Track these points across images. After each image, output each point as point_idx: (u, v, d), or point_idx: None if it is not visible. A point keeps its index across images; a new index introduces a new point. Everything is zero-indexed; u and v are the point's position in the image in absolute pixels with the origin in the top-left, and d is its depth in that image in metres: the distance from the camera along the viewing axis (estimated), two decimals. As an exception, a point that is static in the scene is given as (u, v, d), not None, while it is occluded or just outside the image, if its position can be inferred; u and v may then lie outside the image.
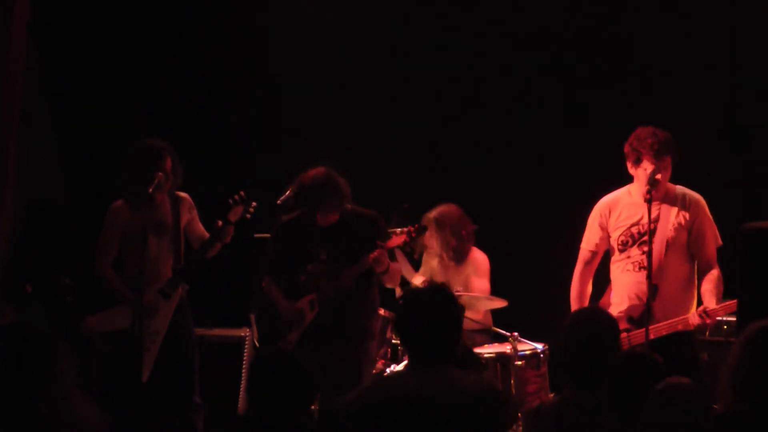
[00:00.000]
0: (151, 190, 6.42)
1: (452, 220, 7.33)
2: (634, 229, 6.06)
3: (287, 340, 6.25)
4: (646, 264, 5.90)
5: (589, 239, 6.24)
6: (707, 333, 6.91)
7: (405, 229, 6.30)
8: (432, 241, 7.31)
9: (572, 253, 6.46)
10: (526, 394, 6.82)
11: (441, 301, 4.12)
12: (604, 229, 6.18)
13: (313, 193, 6.21)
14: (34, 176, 7.83)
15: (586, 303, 6.24)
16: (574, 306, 6.22)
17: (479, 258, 7.38)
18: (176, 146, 6.81)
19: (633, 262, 6.06)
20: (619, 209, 6.14)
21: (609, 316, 4.75)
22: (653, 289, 5.92)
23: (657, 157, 5.95)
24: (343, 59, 8.20)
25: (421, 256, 7.48)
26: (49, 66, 8.13)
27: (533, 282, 7.78)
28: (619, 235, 6.10)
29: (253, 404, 4.01)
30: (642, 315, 5.94)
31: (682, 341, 5.95)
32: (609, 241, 6.17)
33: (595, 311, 4.85)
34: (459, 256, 7.35)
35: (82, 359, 6.46)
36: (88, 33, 8.24)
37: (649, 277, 5.87)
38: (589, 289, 6.27)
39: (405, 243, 6.30)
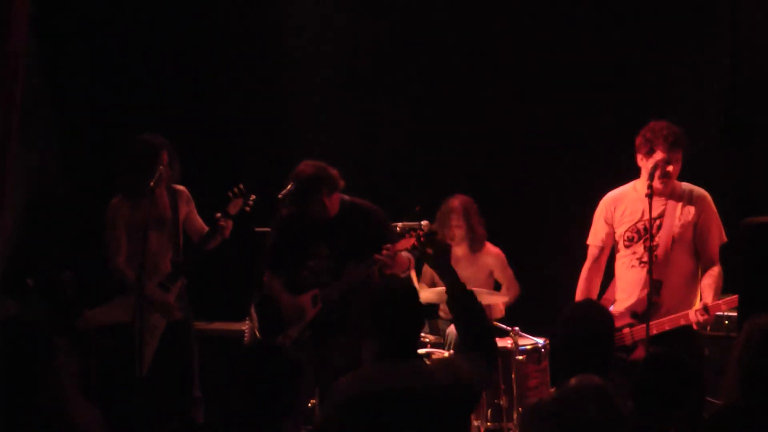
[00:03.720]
0: (152, 183, 6.42)
1: (472, 204, 7.37)
2: (640, 225, 6.04)
3: (287, 335, 6.24)
4: (665, 254, 5.91)
5: (596, 235, 6.23)
6: (708, 328, 6.91)
7: (413, 232, 6.27)
8: (454, 231, 7.31)
9: (574, 248, 6.46)
10: (527, 388, 6.82)
11: (404, 297, 4.29)
12: (609, 224, 6.17)
13: (310, 183, 6.18)
14: (35, 171, 7.83)
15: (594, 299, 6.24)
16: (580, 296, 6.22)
17: (499, 253, 7.45)
18: (177, 141, 6.81)
19: (638, 258, 6.04)
20: (625, 204, 6.12)
21: (604, 309, 4.74)
22: (656, 284, 5.91)
23: (671, 149, 5.93)
24: (344, 52, 8.21)
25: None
26: (50, 62, 8.13)
27: (534, 277, 7.78)
28: (625, 231, 6.09)
29: (240, 398, 4.00)
30: (645, 310, 5.93)
31: (686, 336, 5.93)
32: (614, 237, 6.16)
33: (591, 305, 4.84)
34: (478, 246, 7.39)
35: (80, 354, 6.47)
36: (89, 30, 8.25)
37: (650, 272, 5.86)
38: (597, 285, 6.25)
39: (413, 246, 6.26)
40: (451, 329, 7.12)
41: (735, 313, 6.08)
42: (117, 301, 6.58)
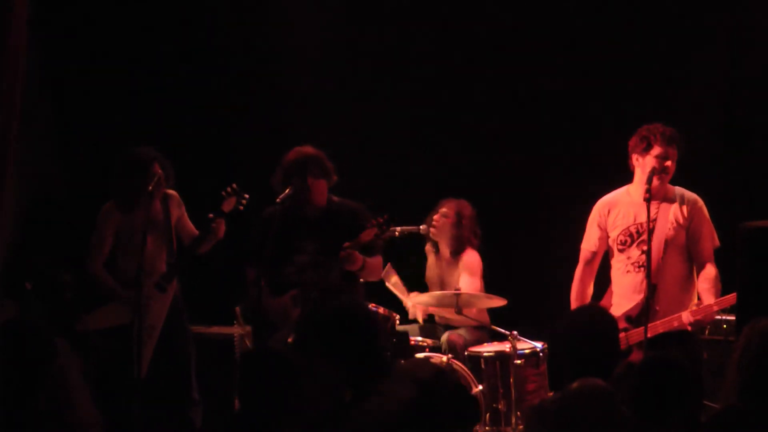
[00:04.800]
0: (150, 188, 6.44)
1: (471, 211, 7.35)
2: (633, 229, 6.06)
3: (276, 338, 6.19)
4: (645, 263, 5.90)
5: (589, 239, 6.25)
6: (707, 332, 6.91)
7: (374, 221, 6.25)
8: (446, 224, 7.30)
9: (572, 252, 6.45)
10: (525, 392, 6.81)
11: (352, 320, 4.12)
12: (602, 229, 6.19)
13: (300, 161, 6.19)
14: (34, 173, 7.83)
15: (581, 302, 6.25)
16: (574, 306, 6.22)
17: (471, 257, 7.37)
18: (174, 143, 6.82)
19: (633, 263, 6.05)
20: (618, 209, 6.14)
21: (607, 313, 4.75)
22: (652, 288, 5.92)
23: (668, 144, 5.96)
24: (341, 54, 8.19)
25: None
26: (49, 64, 8.13)
27: (532, 280, 7.77)
28: (618, 235, 6.11)
29: (245, 403, 3.99)
30: (640, 314, 5.94)
31: (684, 340, 5.94)
32: (608, 242, 6.17)
33: (594, 309, 4.85)
34: (458, 253, 7.35)
35: (79, 356, 6.46)
36: (88, 31, 8.25)
37: (648, 276, 5.86)
38: (590, 289, 6.27)
39: (376, 236, 6.25)
40: (446, 336, 7.10)
41: (734, 317, 6.07)
42: (114, 303, 6.59)
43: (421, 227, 7.33)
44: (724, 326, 6.93)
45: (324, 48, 8.17)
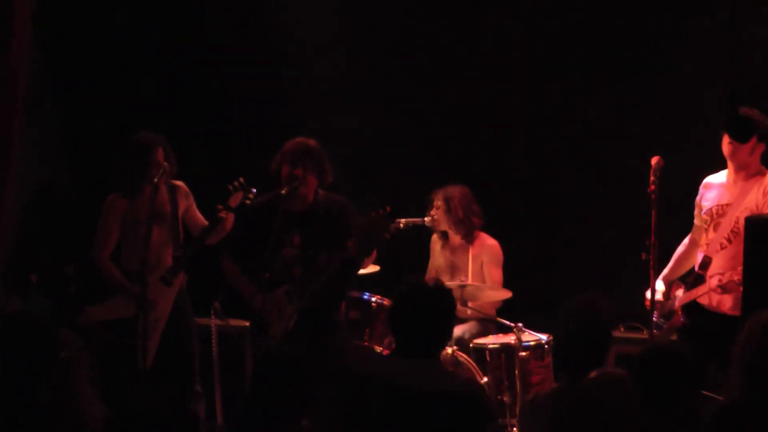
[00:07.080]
0: (156, 179, 6.43)
1: (460, 192, 7.32)
2: (715, 209, 6.19)
3: (271, 335, 6.12)
4: (728, 239, 6.06)
5: (696, 216, 6.38)
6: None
7: (378, 213, 6.20)
8: (440, 214, 7.30)
9: (577, 244, 6.46)
10: (530, 385, 6.81)
11: (440, 299, 4.21)
12: (698, 206, 6.33)
13: (298, 151, 6.19)
14: (38, 166, 7.84)
15: (675, 266, 6.45)
16: (670, 263, 6.44)
17: (493, 245, 7.34)
18: (178, 135, 6.81)
19: (708, 242, 6.18)
20: (712, 189, 6.25)
21: (606, 306, 4.75)
22: (705, 260, 6.09)
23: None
24: (345, 46, 8.19)
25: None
26: (54, 56, 8.14)
27: (538, 272, 7.77)
28: (704, 214, 6.22)
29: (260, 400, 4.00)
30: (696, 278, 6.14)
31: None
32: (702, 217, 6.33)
33: (592, 300, 4.85)
34: (468, 235, 7.33)
35: (84, 349, 6.47)
36: (92, 23, 8.25)
37: (654, 267, 5.89)
38: (687, 261, 6.40)
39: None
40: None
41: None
42: (119, 296, 6.60)
43: (425, 219, 7.32)
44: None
45: (326, 43, 8.17)
